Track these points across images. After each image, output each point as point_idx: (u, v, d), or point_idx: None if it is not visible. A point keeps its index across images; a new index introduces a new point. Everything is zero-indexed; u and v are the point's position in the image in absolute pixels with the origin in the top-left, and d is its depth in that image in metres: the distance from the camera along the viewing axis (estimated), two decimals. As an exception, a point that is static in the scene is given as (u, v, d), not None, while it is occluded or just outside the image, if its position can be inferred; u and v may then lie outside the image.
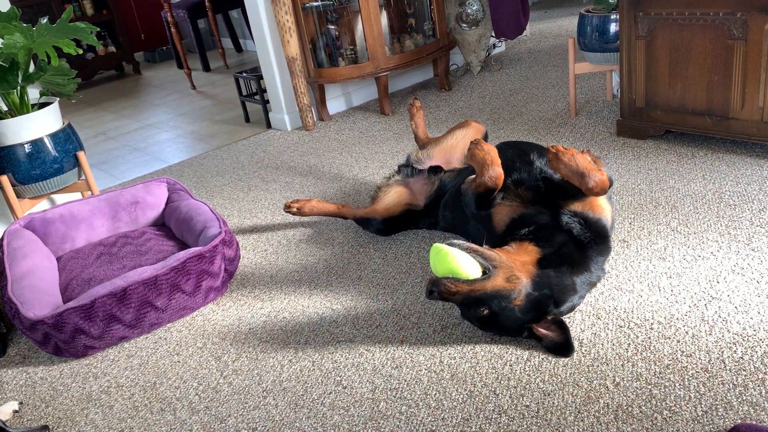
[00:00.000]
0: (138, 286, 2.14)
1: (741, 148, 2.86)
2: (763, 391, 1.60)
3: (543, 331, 1.86)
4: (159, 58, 7.58)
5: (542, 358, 1.83)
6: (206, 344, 2.16)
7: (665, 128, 3.04)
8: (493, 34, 4.67)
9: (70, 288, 2.36)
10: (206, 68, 6.58)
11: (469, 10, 4.51)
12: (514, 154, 2.28)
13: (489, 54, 4.83)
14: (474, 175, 2.15)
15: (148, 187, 2.85)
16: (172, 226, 2.74)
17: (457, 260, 1.80)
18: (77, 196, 3.27)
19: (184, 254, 2.25)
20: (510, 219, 2.06)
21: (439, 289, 1.80)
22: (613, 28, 3.23)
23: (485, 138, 2.76)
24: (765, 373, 1.65)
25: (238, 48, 7.35)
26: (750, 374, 1.66)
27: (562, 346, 1.83)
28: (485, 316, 1.83)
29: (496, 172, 2.06)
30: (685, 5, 2.74)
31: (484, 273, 1.83)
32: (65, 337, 2.09)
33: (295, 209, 2.75)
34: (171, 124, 4.94)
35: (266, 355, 2.04)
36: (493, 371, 1.81)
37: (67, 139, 2.91)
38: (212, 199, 3.34)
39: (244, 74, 4.46)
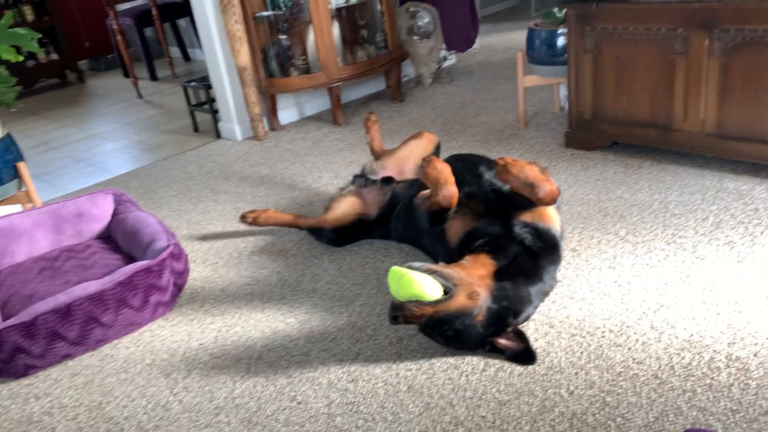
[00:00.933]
0: (83, 302, 2.06)
1: (684, 159, 2.96)
2: (711, 395, 1.64)
3: (504, 342, 1.87)
4: (104, 66, 7.37)
5: (498, 368, 1.83)
6: (155, 361, 2.09)
7: (612, 140, 3.12)
8: (444, 47, 4.72)
9: (9, 305, 2.25)
10: (153, 77, 6.43)
11: (420, 23, 4.54)
12: (464, 167, 2.29)
13: (440, 66, 4.87)
14: (427, 191, 2.14)
15: (93, 198, 2.76)
16: (118, 239, 2.65)
17: (420, 284, 1.79)
18: (18, 208, 3.14)
19: (131, 268, 2.18)
20: (463, 233, 2.06)
21: (403, 314, 1.77)
22: (561, 41, 3.30)
23: (438, 148, 2.78)
24: (712, 378, 1.69)
25: (187, 57, 7.22)
26: (698, 379, 1.70)
27: (524, 355, 1.84)
28: (449, 334, 1.81)
29: (450, 191, 2.05)
30: (630, 20, 2.82)
31: (445, 292, 1.82)
32: (4, 357, 1.99)
33: (250, 219, 2.75)
34: (117, 134, 4.81)
35: (218, 371, 1.99)
36: (450, 382, 1.81)
37: (6, 149, 2.79)
38: (160, 211, 3.26)
39: (193, 83, 4.39)
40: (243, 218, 2.77)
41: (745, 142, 2.68)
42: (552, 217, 2.08)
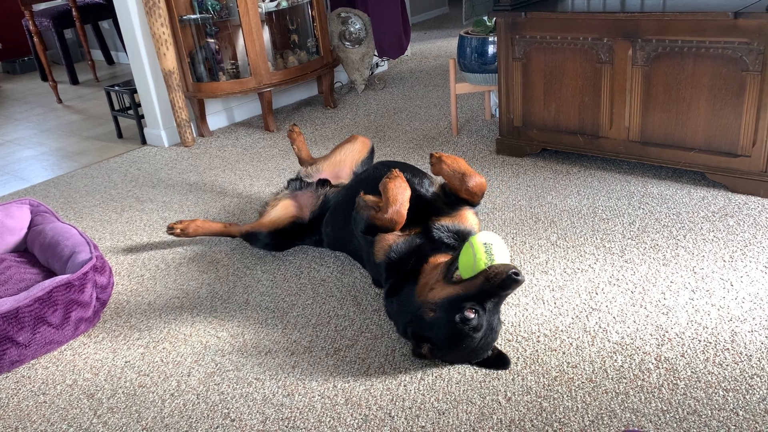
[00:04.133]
0: (-5, 321, 1.93)
1: (611, 165, 3.04)
2: (643, 397, 1.68)
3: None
4: (20, 69, 7.02)
5: (436, 377, 1.82)
6: (77, 381, 1.97)
7: (541, 146, 3.18)
8: (376, 53, 4.71)
9: None
10: (74, 81, 6.16)
11: (351, 29, 4.52)
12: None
13: (372, 73, 4.87)
14: (372, 197, 2.09)
15: (8, 209, 2.59)
16: (35, 251, 2.50)
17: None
18: None
19: (49, 283, 2.05)
20: (390, 248, 2.01)
21: (519, 271, 1.65)
22: (492, 50, 3.34)
23: (372, 152, 2.76)
24: (643, 380, 1.73)
25: (110, 60, 6.96)
26: (630, 382, 1.73)
27: (499, 360, 1.83)
28: (488, 340, 1.78)
29: (399, 215, 1.98)
30: (557, 30, 2.88)
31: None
32: None
33: (178, 230, 2.64)
34: (34, 141, 4.56)
35: (145, 390, 1.90)
36: (388, 392, 1.78)
37: None
38: (81, 222, 3.10)
39: (117, 87, 4.22)
40: (170, 230, 2.65)
41: (666, 149, 2.78)
42: (471, 220, 2.09)
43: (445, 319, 1.73)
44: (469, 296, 1.70)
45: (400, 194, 1.99)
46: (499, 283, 1.65)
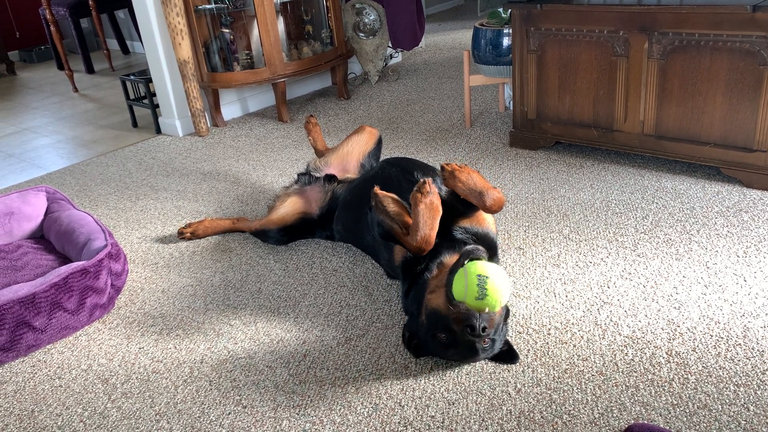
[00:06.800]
0: (13, 305, 1.96)
1: (624, 159, 3.03)
2: (653, 391, 1.68)
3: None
4: (36, 58, 7.07)
5: (446, 367, 1.83)
6: (92, 366, 2.00)
7: (555, 139, 3.17)
8: (390, 45, 4.71)
9: (-69, 309, 2.12)
10: (90, 70, 6.20)
11: (366, 20, 4.52)
12: (399, 173, 2.25)
13: (386, 64, 4.86)
14: (391, 199, 1.99)
15: (25, 196, 2.63)
16: (51, 238, 2.53)
17: (508, 290, 1.72)
18: (-60, 206, 2.96)
19: (65, 269, 2.08)
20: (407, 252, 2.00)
21: (487, 323, 1.66)
22: (506, 41, 3.33)
23: (380, 143, 2.76)
24: (654, 374, 1.73)
25: (125, 50, 7.00)
26: (640, 375, 1.73)
27: (508, 355, 1.83)
28: (485, 347, 1.75)
29: (428, 243, 1.89)
30: (572, 22, 2.87)
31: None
32: (-75, 365, 1.87)
33: (188, 234, 2.70)
34: (50, 129, 4.61)
35: (158, 376, 1.92)
36: (398, 382, 1.79)
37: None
38: (97, 209, 3.13)
39: (132, 77, 4.24)
40: (180, 234, 2.70)
41: (681, 143, 2.76)
42: (488, 221, 2.07)
43: (427, 328, 1.78)
44: (448, 320, 1.70)
45: (430, 218, 1.87)
46: (460, 331, 1.67)
